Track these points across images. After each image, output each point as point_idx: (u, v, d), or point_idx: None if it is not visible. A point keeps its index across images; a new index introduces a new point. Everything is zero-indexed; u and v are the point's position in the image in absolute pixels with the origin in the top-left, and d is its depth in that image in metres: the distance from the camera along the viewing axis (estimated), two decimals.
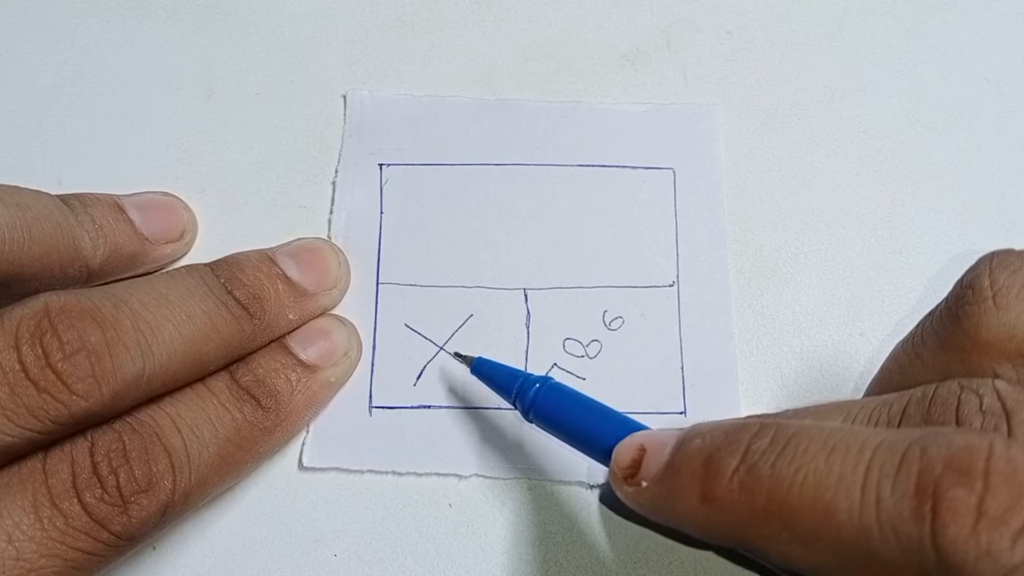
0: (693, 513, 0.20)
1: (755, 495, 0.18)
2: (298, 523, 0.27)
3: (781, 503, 0.18)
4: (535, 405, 0.25)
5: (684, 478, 0.20)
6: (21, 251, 0.23)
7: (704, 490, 0.19)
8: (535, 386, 0.25)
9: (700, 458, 0.20)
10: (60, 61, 0.33)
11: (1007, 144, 0.32)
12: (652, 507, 0.22)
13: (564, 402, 0.25)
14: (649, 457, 0.22)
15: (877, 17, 0.34)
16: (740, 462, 0.19)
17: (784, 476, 0.18)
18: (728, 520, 0.19)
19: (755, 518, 0.18)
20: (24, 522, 0.20)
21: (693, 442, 0.21)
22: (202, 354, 0.24)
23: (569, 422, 0.25)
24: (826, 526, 0.17)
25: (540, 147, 0.32)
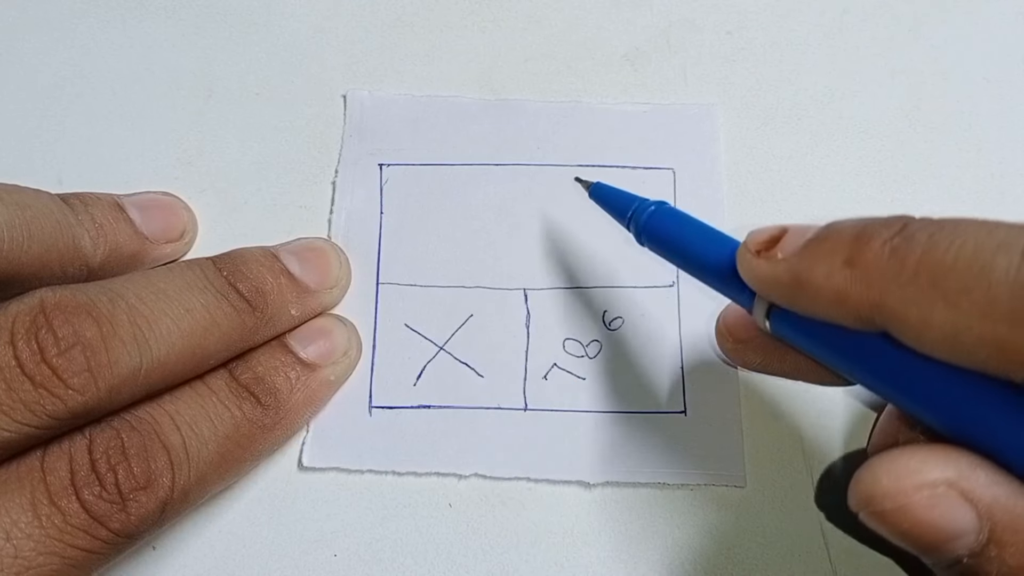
0: (832, 277, 0.19)
1: (906, 259, 0.18)
2: (298, 523, 0.27)
3: (934, 263, 0.17)
4: (647, 227, 0.25)
5: (830, 245, 0.19)
6: (21, 250, 0.23)
7: (851, 254, 0.18)
8: (649, 209, 0.25)
9: (852, 231, 0.19)
10: (60, 61, 0.34)
11: (1007, 144, 0.32)
12: (785, 278, 0.20)
13: (677, 224, 0.25)
14: (791, 234, 0.20)
15: (877, 17, 0.34)
16: (896, 233, 0.18)
17: (941, 242, 0.17)
18: (870, 283, 0.18)
19: (902, 278, 0.17)
20: (22, 520, 0.20)
21: (845, 221, 0.20)
22: (202, 348, 0.24)
23: (681, 243, 0.24)
24: (978, 282, 0.16)
25: (540, 147, 0.32)
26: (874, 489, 0.18)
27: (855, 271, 0.18)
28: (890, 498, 0.18)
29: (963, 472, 0.18)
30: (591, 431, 0.28)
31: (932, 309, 0.17)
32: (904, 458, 0.18)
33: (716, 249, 0.23)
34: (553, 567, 0.26)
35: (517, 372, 0.29)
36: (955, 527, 0.17)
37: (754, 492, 0.27)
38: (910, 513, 0.18)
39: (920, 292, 0.17)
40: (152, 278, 0.24)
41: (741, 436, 0.28)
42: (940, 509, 0.17)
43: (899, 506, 0.18)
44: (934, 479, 0.18)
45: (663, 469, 0.27)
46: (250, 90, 0.33)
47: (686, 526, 0.27)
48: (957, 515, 0.17)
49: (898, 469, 0.18)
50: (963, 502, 0.17)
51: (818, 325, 0.20)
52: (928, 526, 0.18)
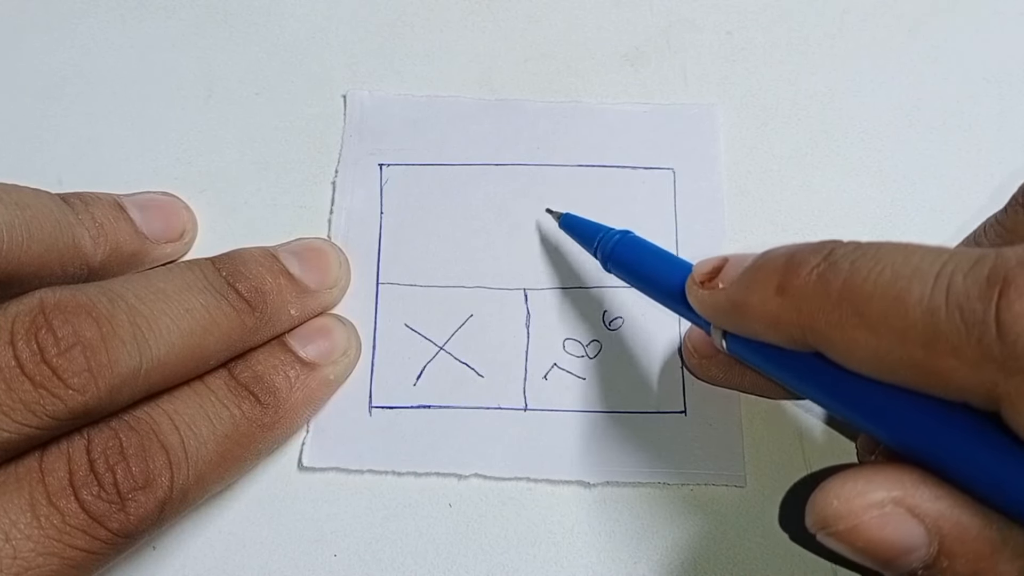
0: (766, 304, 0.20)
1: (831, 285, 0.19)
2: (298, 523, 0.27)
3: (855, 291, 0.18)
4: (612, 255, 0.27)
5: (763, 273, 0.21)
6: (21, 249, 0.23)
7: (781, 282, 0.20)
8: (614, 238, 0.27)
9: (783, 258, 0.20)
10: (60, 61, 0.34)
11: (1007, 144, 0.32)
12: (725, 306, 0.22)
13: (638, 252, 0.27)
14: (731, 265, 0.22)
15: (877, 17, 0.34)
16: (822, 260, 0.19)
17: (862, 269, 0.18)
18: (800, 308, 0.19)
19: (827, 305, 0.19)
20: (21, 520, 0.20)
21: (778, 248, 0.21)
22: (202, 348, 0.24)
23: (642, 270, 0.26)
24: (895, 309, 0.18)
25: (540, 147, 0.32)
26: (827, 511, 0.19)
27: (785, 298, 0.20)
28: (842, 519, 0.19)
29: (908, 489, 0.19)
30: (591, 431, 0.28)
31: (855, 333, 0.18)
32: (852, 480, 0.19)
33: (675, 276, 0.25)
34: (553, 567, 0.26)
35: (517, 372, 0.29)
36: (905, 542, 0.19)
37: (754, 492, 0.27)
38: (862, 532, 0.19)
39: (844, 318, 0.19)
40: (152, 278, 0.24)
41: (741, 436, 0.28)
42: (890, 527, 0.19)
43: (851, 526, 0.19)
44: (881, 499, 0.19)
45: (663, 469, 0.27)
46: (250, 90, 0.33)
47: (686, 526, 0.27)
48: (906, 531, 0.19)
49: (847, 491, 0.19)
50: (910, 518, 0.19)
51: (766, 346, 0.22)
52: (880, 543, 0.19)
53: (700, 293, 0.23)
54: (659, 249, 0.27)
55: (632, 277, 0.27)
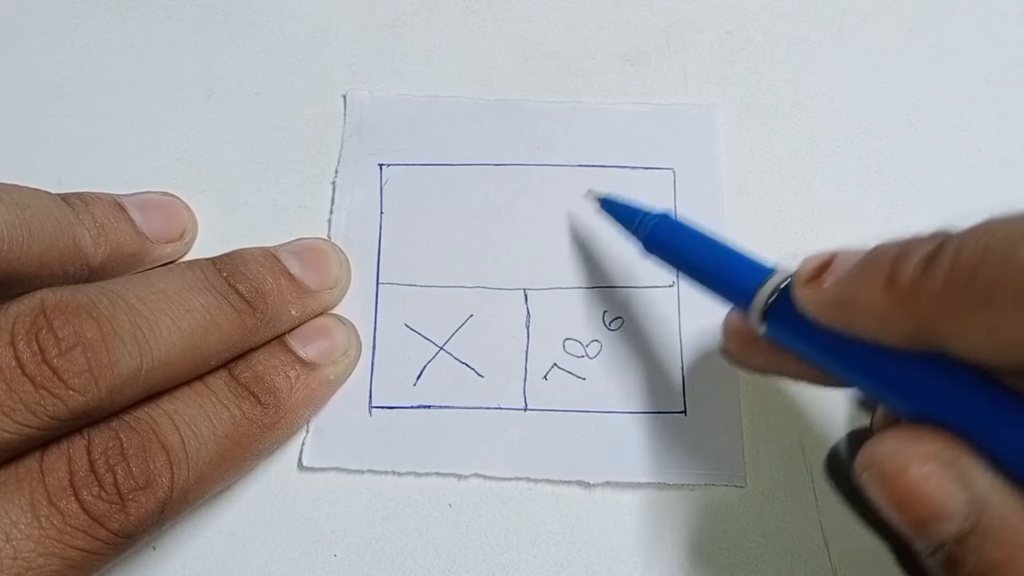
0: (875, 300, 0.19)
1: (938, 270, 0.18)
2: (298, 523, 0.27)
3: (962, 268, 0.17)
4: (653, 237, 0.26)
5: (872, 269, 0.20)
6: (21, 249, 0.23)
7: (890, 275, 0.19)
8: (654, 219, 0.27)
9: (892, 253, 0.19)
10: (60, 61, 0.34)
11: (1007, 144, 0.32)
12: (832, 304, 0.21)
13: (678, 234, 0.26)
14: (839, 261, 0.21)
15: (877, 17, 0.34)
16: (931, 251, 0.18)
17: (967, 245, 0.17)
18: (908, 303, 0.19)
19: (934, 292, 0.18)
20: (22, 521, 0.20)
21: (890, 243, 0.20)
22: (202, 348, 0.24)
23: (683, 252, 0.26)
24: (1005, 274, 0.17)
25: (540, 147, 0.32)
26: (879, 449, 0.19)
27: (893, 294, 0.19)
28: (890, 460, 0.19)
29: (962, 455, 0.18)
30: (591, 431, 0.28)
31: (968, 313, 0.17)
32: (912, 429, 0.19)
33: (715, 257, 0.25)
34: (553, 567, 0.26)
35: (517, 372, 0.29)
36: (945, 505, 0.18)
37: (754, 492, 0.27)
38: (906, 479, 0.18)
39: (954, 299, 0.18)
40: (152, 279, 0.24)
41: (741, 436, 0.28)
42: (934, 482, 0.18)
43: (898, 468, 0.18)
44: (933, 451, 0.18)
45: (663, 469, 0.27)
46: (250, 90, 0.33)
47: (686, 526, 0.27)
48: (948, 493, 0.18)
49: (904, 436, 0.19)
50: (956, 482, 0.18)
51: (806, 329, 0.21)
52: (919, 497, 0.18)
53: (806, 291, 0.22)
54: (698, 230, 0.26)
55: (673, 259, 0.26)
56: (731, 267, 0.24)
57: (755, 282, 0.23)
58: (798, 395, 0.28)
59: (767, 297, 0.23)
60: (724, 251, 0.25)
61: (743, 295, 0.23)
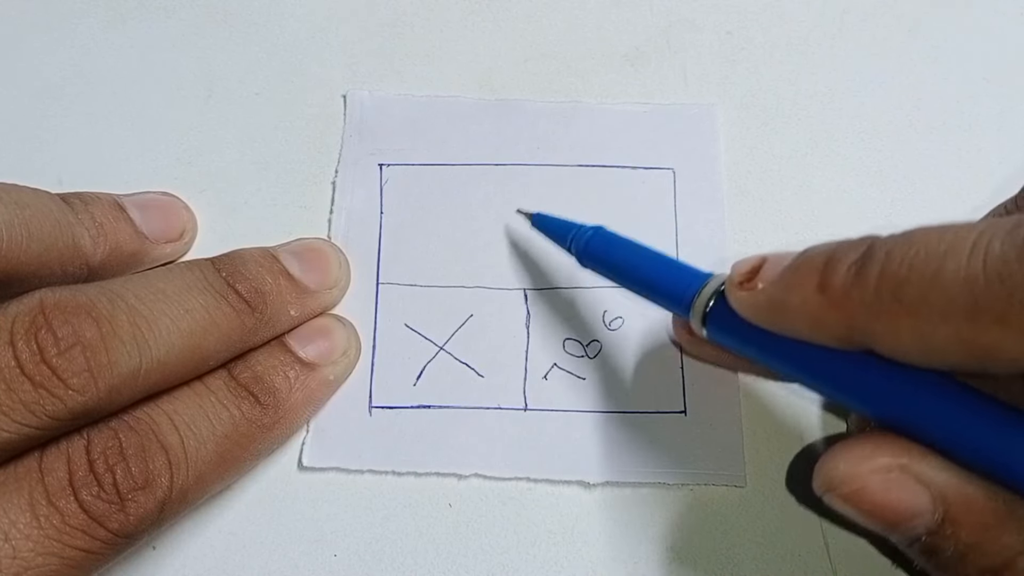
0: (807, 304, 0.20)
1: (868, 277, 0.19)
2: (298, 523, 0.27)
3: (892, 277, 0.18)
4: (587, 251, 0.27)
5: (803, 272, 0.20)
6: (20, 249, 0.23)
7: (822, 280, 0.20)
8: (587, 234, 0.27)
9: (823, 256, 0.20)
10: (60, 61, 0.34)
11: (1007, 144, 0.32)
12: (765, 306, 0.21)
13: (612, 247, 0.27)
14: (770, 264, 0.22)
15: (877, 17, 0.34)
16: (861, 254, 0.19)
17: (896, 255, 0.18)
18: (841, 305, 0.19)
19: (867, 298, 0.19)
20: (21, 520, 0.20)
21: (818, 247, 0.21)
22: (201, 348, 0.24)
23: (617, 264, 0.27)
24: (933, 287, 0.17)
25: (540, 147, 0.32)
26: (833, 474, 0.20)
27: (826, 296, 0.20)
28: (848, 482, 0.20)
29: (914, 457, 0.19)
30: (591, 431, 0.28)
31: (898, 322, 0.18)
32: (859, 445, 0.20)
33: (652, 266, 0.26)
34: (553, 567, 0.26)
35: (517, 372, 0.29)
36: (910, 507, 0.19)
37: (754, 492, 0.27)
38: (867, 495, 0.19)
39: (884, 307, 0.18)
40: (151, 279, 0.24)
41: (741, 436, 0.27)
42: (895, 491, 0.19)
43: (856, 489, 0.19)
44: (887, 463, 0.19)
45: (663, 469, 0.27)
46: (250, 90, 0.33)
47: (686, 526, 0.27)
48: (911, 496, 0.19)
49: (854, 455, 0.20)
50: (916, 484, 0.19)
51: (747, 333, 0.22)
52: (885, 506, 0.19)
53: (739, 294, 0.22)
54: (634, 243, 0.27)
55: (608, 271, 0.27)
56: (668, 275, 0.25)
57: (693, 289, 0.24)
58: (798, 395, 0.28)
59: (706, 302, 0.23)
60: (660, 260, 0.26)
61: (682, 302, 0.24)
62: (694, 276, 0.24)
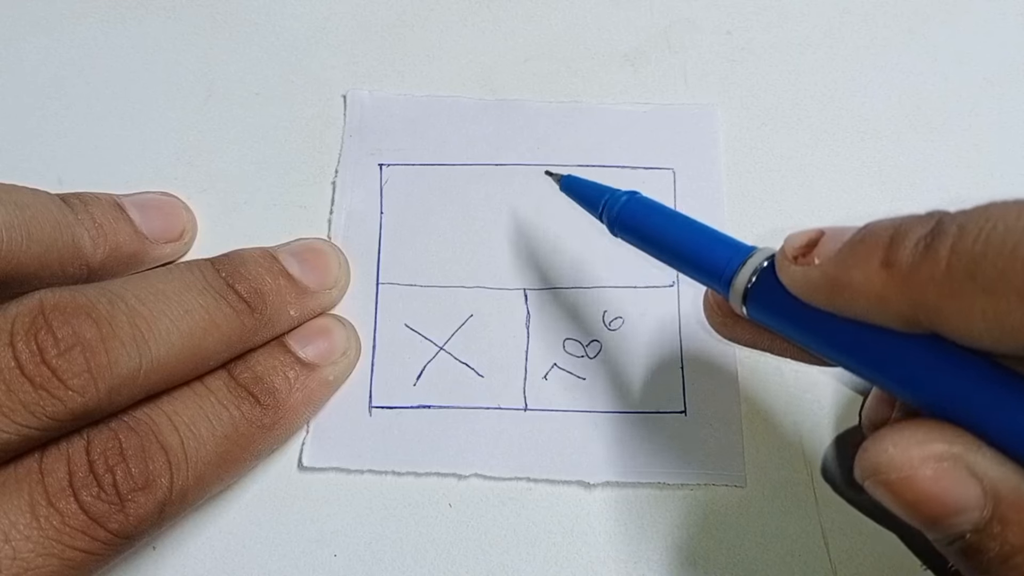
0: (871, 281, 0.18)
1: (939, 253, 0.17)
2: (298, 523, 0.27)
3: (965, 253, 0.17)
4: (620, 218, 0.25)
5: (866, 247, 0.19)
6: (20, 250, 0.23)
7: (887, 255, 0.18)
8: (621, 199, 0.25)
9: (888, 231, 0.19)
10: (60, 61, 0.34)
11: (1007, 144, 0.32)
12: (822, 283, 0.20)
13: (648, 214, 0.25)
14: (828, 238, 0.20)
15: (877, 17, 0.34)
16: (930, 230, 0.18)
17: (970, 231, 0.17)
18: (907, 283, 0.18)
19: (937, 274, 0.17)
20: (21, 521, 0.20)
21: (882, 221, 0.19)
22: (201, 349, 0.24)
23: (654, 233, 0.24)
24: (1011, 264, 0.16)
25: (540, 147, 0.32)
26: (880, 459, 0.18)
27: (891, 273, 0.18)
28: (896, 468, 0.18)
29: (970, 448, 0.18)
30: (591, 431, 0.28)
31: (972, 301, 0.17)
32: (911, 430, 0.18)
33: (690, 237, 0.23)
34: (553, 567, 0.26)
35: (517, 372, 0.29)
36: (959, 501, 0.18)
37: (754, 492, 0.27)
38: (915, 484, 0.18)
39: (957, 285, 0.17)
40: (151, 279, 0.24)
41: (741, 436, 0.28)
42: (945, 482, 0.18)
43: (904, 476, 0.18)
44: (941, 451, 0.18)
45: (663, 469, 0.27)
46: (250, 90, 0.33)
47: (686, 526, 0.27)
48: (962, 489, 0.18)
49: (905, 440, 0.18)
50: (969, 477, 0.18)
51: (795, 312, 0.20)
52: (932, 499, 0.18)
53: (793, 269, 0.20)
54: (671, 210, 0.25)
55: (643, 241, 0.25)
56: (708, 247, 0.23)
57: (734, 262, 0.22)
58: (798, 395, 0.28)
59: (748, 278, 0.22)
60: (700, 230, 0.24)
61: (722, 277, 0.22)
62: (736, 249, 0.23)
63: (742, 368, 0.28)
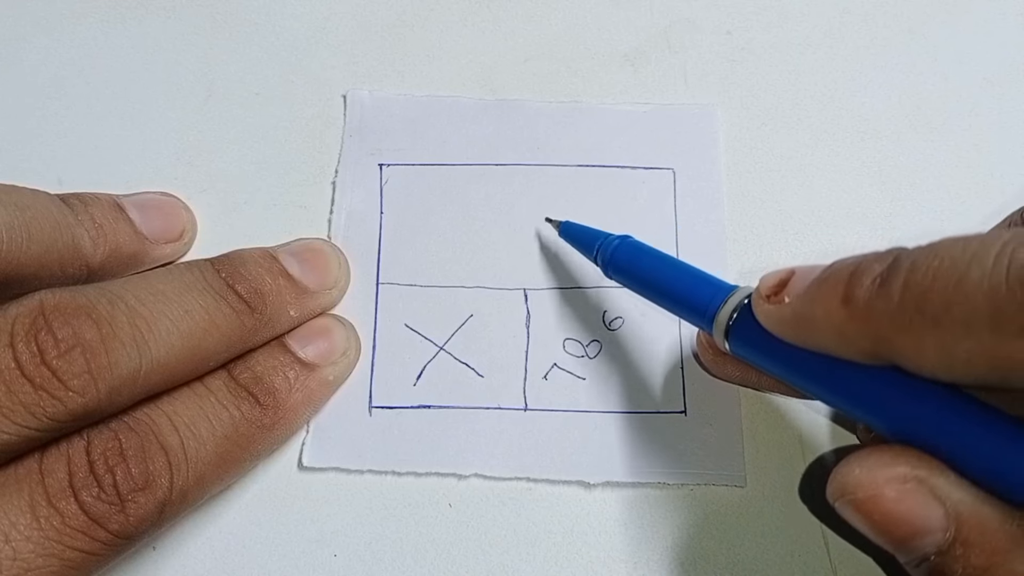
0: (832, 317, 0.20)
1: (892, 288, 0.18)
2: (298, 523, 0.27)
3: (915, 287, 0.18)
4: (612, 261, 0.27)
5: (828, 286, 0.20)
6: (20, 251, 0.23)
7: (846, 292, 0.19)
8: (613, 243, 0.27)
9: (848, 269, 0.20)
10: (60, 61, 0.34)
11: (1007, 144, 0.32)
12: (791, 320, 0.21)
13: (638, 257, 0.27)
14: (797, 277, 0.21)
15: (877, 17, 0.34)
16: (886, 267, 0.19)
17: (920, 266, 0.18)
18: (865, 319, 0.19)
19: (891, 309, 0.18)
20: (21, 522, 0.20)
21: (846, 260, 0.20)
22: (201, 349, 0.24)
23: (642, 274, 0.26)
24: (956, 297, 0.17)
25: (540, 147, 0.32)
26: (847, 479, 0.19)
27: (850, 309, 0.19)
28: (862, 488, 0.19)
29: (933, 471, 0.19)
30: (591, 431, 0.28)
31: (922, 334, 0.18)
32: (878, 454, 0.19)
33: (677, 278, 0.25)
34: (553, 567, 0.26)
35: (517, 372, 0.29)
36: (922, 522, 0.18)
37: (754, 492, 0.27)
38: (880, 504, 0.19)
39: (908, 320, 0.18)
40: (151, 280, 0.24)
41: (741, 436, 0.28)
42: (908, 503, 0.19)
43: (870, 496, 0.19)
44: (903, 473, 0.19)
45: (663, 469, 0.27)
46: (250, 90, 0.33)
47: (686, 526, 0.27)
48: (925, 511, 0.18)
49: (871, 462, 0.19)
50: (931, 499, 0.18)
51: (771, 347, 0.22)
52: (897, 518, 0.19)
53: (766, 307, 0.22)
54: (660, 253, 0.27)
55: (633, 282, 0.27)
56: (692, 288, 0.25)
57: (716, 301, 0.24)
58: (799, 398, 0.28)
59: (728, 315, 0.23)
60: (685, 272, 0.25)
61: (705, 315, 0.24)
62: (718, 289, 0.24)
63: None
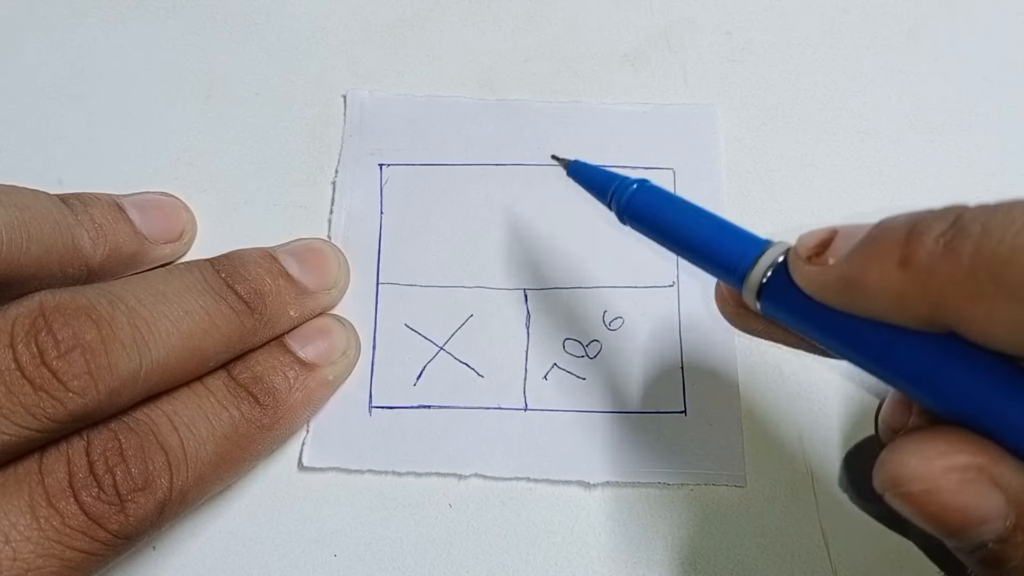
0: (887, 280, 0.18)
1: (961, 253, 0.17)
2: (298, 523, 0.27)
3: (990, 256, 0.16)
4: (630, 206, 0.24)
5: (882, 246, 0.18)
6: (20, 251, 0.23)
7: (904, 254, 0.18)
8: (631, 187, 0.24)
9: (904, 228, 0.18)
10: (60, 61, 0.34)
11: (1007, 144, 0.32)
12: (837, 283, 0.19)
13: (659, 203, 0.24)
14: (842, 236, 0.19)
15: (877, 17, 0.34)
16: (950, 226, 0.17)
17: (995, 231, 0.16)
18: (927, 282, 0.17)
19: (959, 276, 0.17)
20: (21, 522, 0.20)
21: (896, 217, 0.19)
22: (201, 350, 0.24)
23: (664, 222, 0.23)
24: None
25: (540, 147, 0.32)
26: (901, 471, 0.18)
27: (910, 272, 0.17)
28: (917, 480, 0.18)
29: (993, 458, 0.17)
30: (591, 431, 0.28)
31: (995, 306, 0.16)
32: (932, 440, 0.18)
33: (703, 229, 0.22)
34: (553, 567, 0.26)
35: (517, 372, 0.29)
36: (983, 512, 0.17)
37: (754, 492, 0.27)
38: (938, 496, 0.17)
39: (980, 289, 0.16)
40: (151, 280, 0.24)
41: (741, 436, 0.28)
42: (968, 494, 0.17)
43: (927, 489, 0.17)
44: (964, 463, 0.17)
45: (663, 469, 0.27)
46: (250, 90, 0.33)
47: (686, 526, 0.27)
48: (985, 501, 0.17)
49: (927, 451, 0.18)
50: (992, 488, 0.17)
51: (810, 310, 0.20)
52: (955, 510, 0.17)
53: (807, 269, 0.20)
54: (683, 200, 0.24)
55: (653, 230, 0.24)
56: (721, 241, 0.22)
57: (749, 257, 0.21)
58: (798, 395, 0.28)
59: (762, 274, 0.21)
60: (713, 222, 0.23)
61: (736, 272, 0.21)
62: (751, 243, 0.22)
63: (742, 368, 0.28)
